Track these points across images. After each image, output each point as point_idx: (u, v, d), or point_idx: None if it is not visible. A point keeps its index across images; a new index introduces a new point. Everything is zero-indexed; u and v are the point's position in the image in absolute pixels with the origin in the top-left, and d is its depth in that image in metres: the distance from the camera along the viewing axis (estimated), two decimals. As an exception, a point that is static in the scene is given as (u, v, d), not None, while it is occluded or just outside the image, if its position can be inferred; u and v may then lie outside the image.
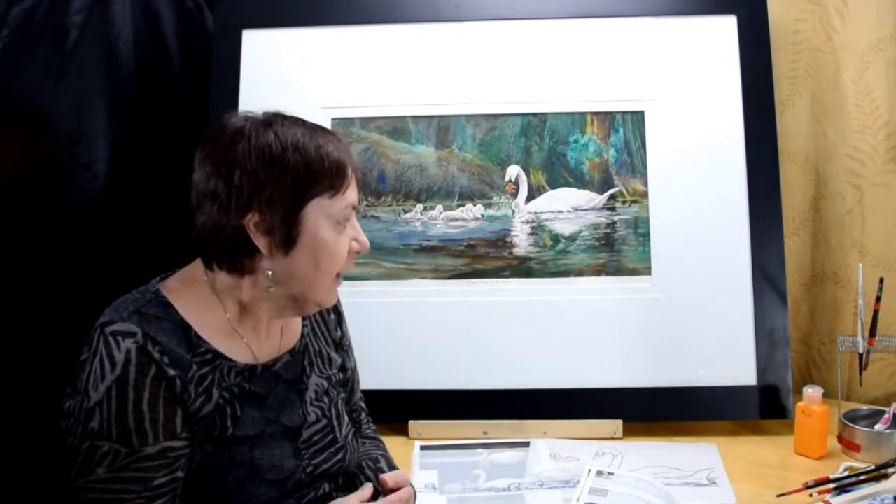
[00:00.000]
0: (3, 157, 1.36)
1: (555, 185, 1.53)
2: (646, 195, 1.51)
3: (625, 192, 1.52)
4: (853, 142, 1.58)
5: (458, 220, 1.53)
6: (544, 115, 1.53)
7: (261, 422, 1.01)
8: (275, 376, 1.05)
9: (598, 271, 1.50)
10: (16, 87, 1.34)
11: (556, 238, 1.52)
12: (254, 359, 1.03)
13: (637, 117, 1.52)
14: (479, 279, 1.51)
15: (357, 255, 1.05)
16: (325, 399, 1.10)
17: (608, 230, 1.51)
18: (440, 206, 1.53)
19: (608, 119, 1.53)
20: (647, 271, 1.49)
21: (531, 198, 1.53)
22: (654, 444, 1.41)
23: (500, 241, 1.52)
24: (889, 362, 1.57)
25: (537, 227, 1.52)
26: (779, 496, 1.21)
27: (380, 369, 1.46)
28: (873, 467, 1.24)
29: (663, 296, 1.48)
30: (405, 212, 1.54)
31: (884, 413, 1.39)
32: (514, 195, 1.53)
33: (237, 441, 0.99)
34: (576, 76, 1.54)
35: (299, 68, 1.56)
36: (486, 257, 1.52)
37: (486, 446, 1.40)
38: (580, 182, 1.53)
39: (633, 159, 1.52)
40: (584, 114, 1.53)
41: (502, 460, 1.37)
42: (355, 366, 1.21)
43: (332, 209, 1.00)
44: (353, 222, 1.04)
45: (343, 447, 1.10)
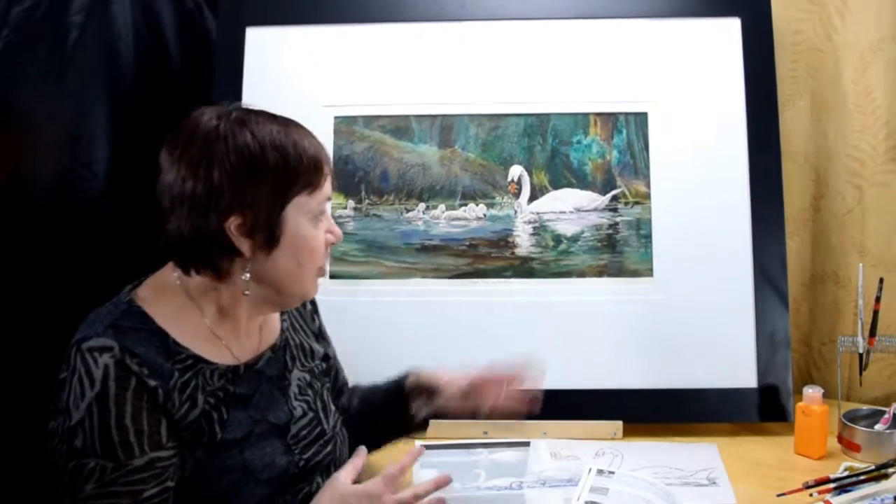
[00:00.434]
0: (3, 156, 1.35)
1: (557, 185, 1.53)
2: (648, 197, 1.51)
3: (627, 193, 1.52)
4: (853, 142, 1.59)
5: (460, 219, 1.53)
6: (547, 115, 1.53)
7: (248, 422, 1.01)
8: (258, 375, 1.05)
9: (600, 272, 1.50)
10: (16, 87, 1.33)
11: (558, 238, 1.52)
12: (235, 360, 1.03)
13: (640, 119, 1.52)
14: (481, 279, 1.51)
15: (332, 245, 1.05)
16: (310, 392, 1.11)
17: (610, 231, 1.51)
18: (442, 206, 1.53)
19: (611, 120, 1.53)
20: (648, 273, 1.50)
21: (533, 198, 1.53)
22: (654, 445, 1.42)
23: (502, 241, 1.52)
24: (889, 362, 1.58)
25: (539, 228, 1.52)
26: (779, 496, 1.22)
27: (380, 368, 1.46)
28: (873, 467, 1.24)
29: (665, 297, 1.48)
30: (407, 211, 1.53)
31: (884, 413, 1.40)
32: (517, 195, 1.53)
33: (227, 445, 0.98)
34: (579, 77, 1.53)
35: (302, 66, 1.55)
36: (488, 257, 1.52)
37: (486, 446, 1.40)
38: (583, 183, 1.53)
39: (635, 161, 1.52)
40: (587, 115, 1.53)
41: (503, 459, 1.37)
42: (335, 353, 1.23)
43: (310, 205, 0.99)
44: (326, 214, 1.04)
45: (332, 438, 1.10)
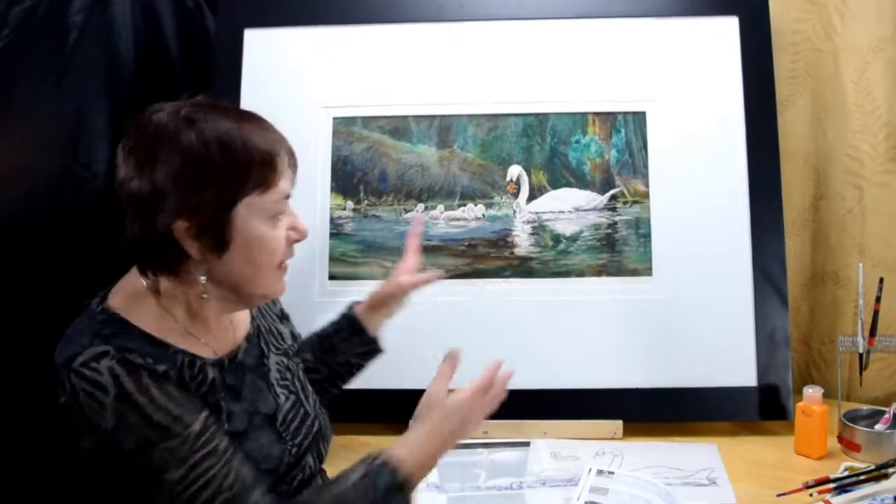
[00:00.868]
0: (3, 156, 1.35)
1: (556, 185, 1.53)
2: (647, 196, 1.51)
3: (626, 192, 1.52)
4: (853, 142, 1.58)
5: (459, 219, 1.53)
6: (546, 115, 1.53)
7: (244, 415, 1.01)
8: (241, 367, 1.04)
9: (599, 272, 1.50)
10: (16, 87, 1.33)
11: (557, 238, 1.52)
12: (216, 355, 1.01)
13: (639, 118, 1.52)
14: (480, 279, 1.51)
15: (297, 242, 1.01)
16: (288, 374, 1.11)
17: (609, 230, 1.51)
18: (441, 206, 1.53)
19: (610, 119, 1.53)
20: (647, 272, 1.50)
21: (532, 198, 1.53)
22: (654, 444, 1.41)
23: (501, 240, 1.52)
24: (889, 362, 1.57)
25: (538, 228, 1.52)
26: (779, 496, 1.22)
27: (380, 369, 1.46)
28: (873, 467, 1.24)
29: (664, 296, 1.48)
30: (406, 211, 1.54)
31: (884, 413, 1.40)
32: (516, 195, 1.53)
33: (233, 438, 0.97)
34: (578, 76, 1.54)
35: (301, 68, 1.56)
36: (487, 257, 1.52)
37: (486, 446, 1.40)
38: (581, 182, 1.53)
39: (634, 160, 1.52)
40: (585, 114, 1.53)
41: (503, 459, 1.37)
42: (299, 332, 1.23)
43: (263, 205, 0.95)
44: (290, 210, 1.00)
45: (315, 417, 1.11)
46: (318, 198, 1.53)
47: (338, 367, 1.28)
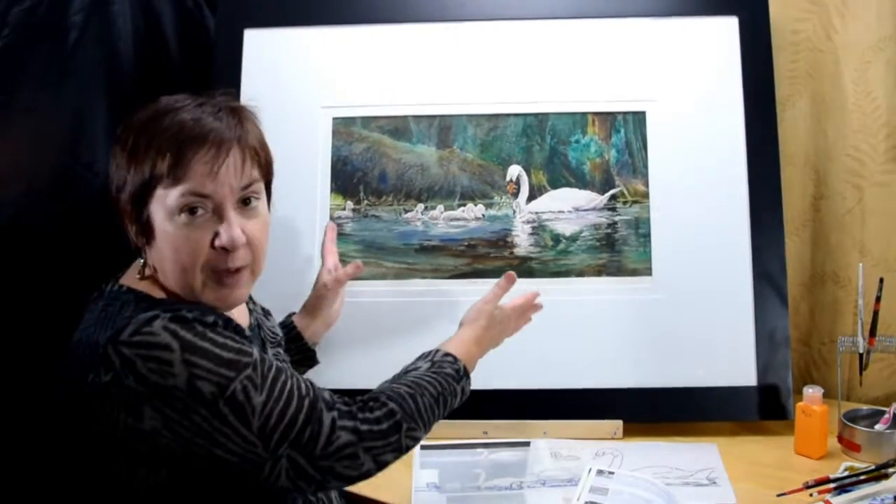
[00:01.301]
0: (3, 156, 1.35)
1: (556, 185, 1.53)
2: (647, 196, 1.51)
3: (626, 192, 1.52)
4: (853, 142, 1.58)
5: (458, 219, 1.53)
6: (546, 115, 1.53)
7: None
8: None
9: (599, 271, 1.50)
10: (16, 87, 1.33)
11: (556, 238, 1.52)
12: None
13: (638, 118, 1.52)
14: (480, 279, 1.51)
15: (227, 251, 0.96)
16: (286, 364, 1.12)
17: (609, 230, 1.51)
18: (441, 206, 1.53)
19: (609, 119, 1.53)
20: (647, 272, 1.49)
21: (532, 198, 1.53)
22: (654, 444, 1.41)
23: (501, 240, 1.52)
24: (889, 362, 1.57)
25: (538, 227, 1.52)
26: (779, 496, 1.21)
27: (380, 369, 1.46)
28: (873, 467, 1.24)
29: (664, 296, 1.48)
30: (406, 211, 1.54)
31: (884, 413, 1.40)
32: (515, 195, 1.53)
33: None
34: (577, 76, 1.53)
35: (301, 68, 1.56)
36: (487, 257, 1.52)
37: (486, 446, 1.40)
38: (581, 182, 1.53)
39: (634, 160, 1.52)
40: (585, 114, 1.53)
41: (503, 459, 1.37)
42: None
43: (167, 200, 0.94)
44: (226, 214, 0.96)
45: None
46: (317, 198, 1.53)
47: None
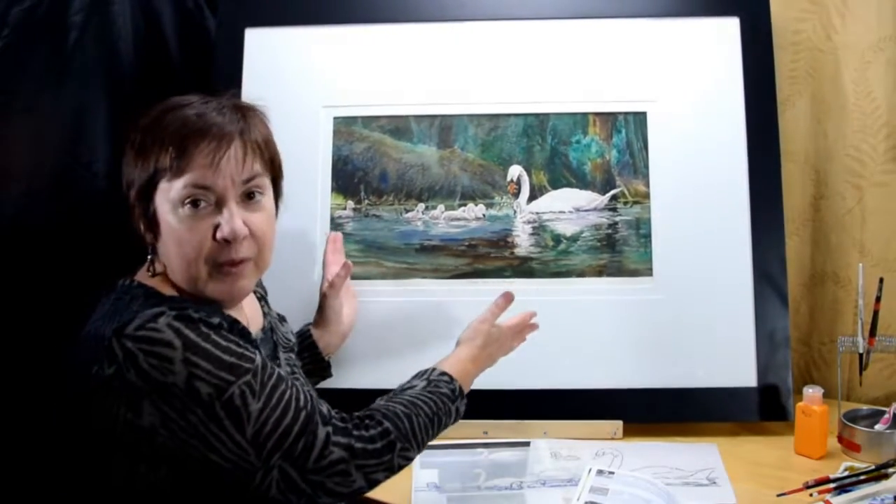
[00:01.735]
0: (3, 156, 1.35)
1: (556, 185, 1.53)
2: (647, 196, 1.51)
3: (626, 192, 1.52)
4: (853, 142, 1.59)
5: (459, 219, 1.53)
6: (546, 115, 1.53)
7: None
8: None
9: (600, 272, 1.50)
10: (16, 87, 1.33)
11: (557, 238, 1.52)
12: None
13: (639, 118, 1.52)
14: (481, 279, 1.51)
15: (229, 242, 0.97)
16: (296, 370, 1.14)
17: (610, 231, 1.51)
18: (442, 206, 1.53)
19: (610, 120, 1.53)
20: (648, 272, 1.50)
21: (533, 198, 1.53)
22: (654, 445, 1.41)
23: (502, 241, 1.52)
24: (889, 362, 1.57)
25: (539, 228, 1.52)
26: (779, 496, 1.22)
27: (380, 369, 1.47)
28: (873, 467, 1.24)
29: (664, 297, 1.48)
30: (407, 211, 1.54)
31: (884, 413, 1.40)
32: (516, 195, 1.53)
33: None
34: (578, 77, 1.53)
35: (301, 67, 1.56)
36: (488, 257, 1.52)
37: (486, 446, 1.40)
38: (582, 182, 1.53)
39: (634, 160, 1.52)
40: (586, 114, 1.53)
41: (503, 459, 1.37)
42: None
43: (171, 192, 0.96)
44: (228, 206, 0.97)
45: None
46: (318, 197, 1.53)
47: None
